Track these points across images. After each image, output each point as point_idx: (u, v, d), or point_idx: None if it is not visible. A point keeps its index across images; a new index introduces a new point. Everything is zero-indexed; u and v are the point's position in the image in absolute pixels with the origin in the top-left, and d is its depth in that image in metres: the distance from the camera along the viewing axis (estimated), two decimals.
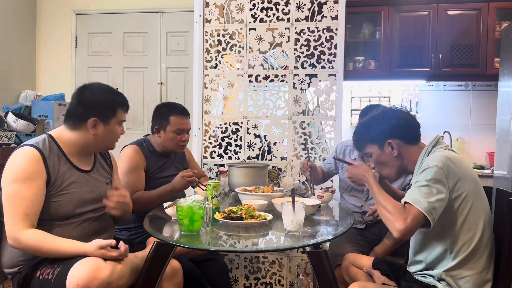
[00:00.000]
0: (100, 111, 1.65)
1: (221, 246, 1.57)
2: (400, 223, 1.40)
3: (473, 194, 1.50)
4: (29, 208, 1.49)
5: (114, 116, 1.67)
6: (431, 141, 1.62)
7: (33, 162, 1.53)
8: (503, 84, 2.79)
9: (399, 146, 1.62)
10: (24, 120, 3.52)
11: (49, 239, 1.49)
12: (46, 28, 4.42)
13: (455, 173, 1.47)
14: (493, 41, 3.30)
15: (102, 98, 1.66)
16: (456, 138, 3.71)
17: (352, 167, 1.74)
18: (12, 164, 1.53)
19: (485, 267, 1.50)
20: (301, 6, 2.70)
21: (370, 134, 1.66)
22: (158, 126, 2.22)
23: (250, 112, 2.79)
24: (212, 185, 1.88)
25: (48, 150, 1.58)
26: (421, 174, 1.48)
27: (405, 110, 1.71)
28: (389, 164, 1.66)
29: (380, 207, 1.51)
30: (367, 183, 1.64)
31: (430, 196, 1.42)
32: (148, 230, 1.61)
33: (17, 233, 1.47)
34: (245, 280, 2.74)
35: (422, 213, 1.40)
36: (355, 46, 3.62)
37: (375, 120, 1.67)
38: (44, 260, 1.54)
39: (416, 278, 1.60)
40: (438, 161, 1.47)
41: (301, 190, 2.50)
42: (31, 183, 1.50)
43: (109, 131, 1.67)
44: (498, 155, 2.80)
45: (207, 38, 2.82)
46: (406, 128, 1.64)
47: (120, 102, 1.70)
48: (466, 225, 1.49)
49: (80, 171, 1.67)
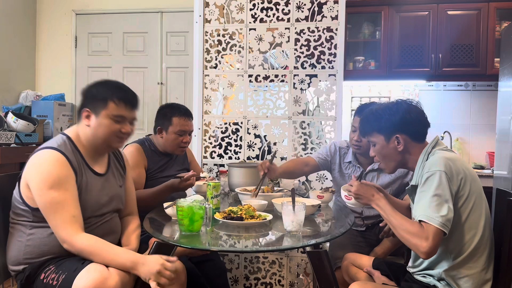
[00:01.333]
0: (91, 101, 1.62)
1: (221, 246, 1.57)
2: (424, 245, 1.38)
3: (475, 193, 1.49)
4: (74, 210, 1.51)
5: (105, 108, 1.60)
6: (431, 142, 1.61)
7: (62, 166, 1.53)
8: (503, 84, 2.79)
9: (406, 141, 1.59)
10: (24, 120, 3.52)
11: (103, 245, 1.50)
12: (46, 28, 4.42)
13: (458, 173, 1.46)
14: (493, 41, 3.30)
15: (96, 89, 1.63)
16: (456, 138, 3.71)
17: (360, 183, 1.68)
18: (41, 170, 1.51)
19: (484, 266, 1.50)
20: (301, 6, 2.70)
21: (380, 124, 1.61)
22: (161, 126, 2.23)
23: (250, 112, 2.79)
24: (212, 185, 1.88)
25: (70, 153, 1.58)
26: (426, 182, 1.46)
27: (419, 107, 1.66)
28: (391, 157, 1.63)
29: (397, 231, 1.48)
30: (376, 204, 1.59)
31: (441, 208, 1.40)
32: (148, 231, 1.61)
33: (71, 237, 1.48)
34: (245, 280, 2.74)
35: (439, 229, 1.38)
36: (355, 46, 3.62)
37: (388, 111, 1.61)
38: (49, 261, 1.54)
39: (415, 278, 1.60)
40: (440, 165, 1.46)
41: (301, 190, 2.50)
42: (67, 186, 1.51)
43: (101, 124, 1.60)
44: (498, 155, 2.80)
45: (207, 38, 2.82)
46: (416, 125, 1.61)
47: (115, 95, 1.62)
48: (468, 224, 1.48)
49: (97, 175, 1.67)
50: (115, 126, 1.62)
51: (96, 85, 1.66)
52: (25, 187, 1.55)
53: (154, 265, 1.44)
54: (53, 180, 1.49)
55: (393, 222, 1.49)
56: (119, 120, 1.63)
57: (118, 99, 1.62)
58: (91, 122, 1.62)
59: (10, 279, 1.70)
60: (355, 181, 1.71)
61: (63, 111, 4.10)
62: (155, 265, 1.44)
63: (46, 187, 1.49)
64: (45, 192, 1.49)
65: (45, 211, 1.51)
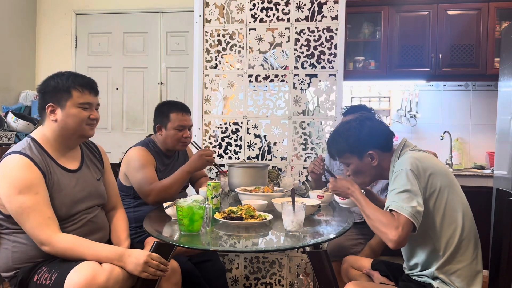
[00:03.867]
0: (53, 95, 1.58)
1: (221, 246, 1.57)
2: (393, 234, 1.42)
3: (447, 187, 1.53)
4: (47, 211, 1.49)
5: (69, 98, 1.57)
6: (399, 145, 1.66)
7: (29, 169, 1.50)
8: (503, 84, 2.79)
9: (378, 155, 1.65)
10: (24, 120, 3.52)
11: (83, 242, 1.50)
12: (46, 28, 4.42)
13: (425, 170, 1.51)
14: (493, 41, 3.30)
15: (55, 82, 1.60)
16: (456, 138, 3.71)
17: (335, 180, 1.73)
18: (8, 176, 1.49)
19: (473, 258, 1.53)
20: (301, 6, 2.69)
21: (350, 145, 1.66)
22: (160, 124, 2.24)
23: (250, 112, 2.79)
24: (212, 185, 1.88)
25: (35, 155, 1.55)
26: (395, 181, 1.51)
27: (379, 119, 1.75)
28: (366, 172, 1.68)
29: (370, 220, 1.52)
30: (352, 196, 1.64)
31: (410, 201, 1.44)
32: (148, 230, 1.61)
33: (50, 238, 1.47)
34: (245, 280, 2.74)
35: (409, 219, 1.42)
36: (355, 46, 3.62)
37: (354, 131, 1.66)
38: (41, 263, 1.53)
39: (412, 278, 1.63)
40: (406, 163, 1.51)
41: (301, 190, 2.50)
42: (37, 189, 1.49)
43: (68, 114, 1.58)
44: (498, 155, 2.80)
45: (207, 38, 2.82)
46: (383, 138, 1.67)
47: (76, 83, 1.59)
48: (446, 220, 1.52)
49: (68, 171, 1.64)
50: (83, 113, 1.61)
51: (53, 78, 1.62)
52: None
53: (141, 256, 1.47)
54: (21, 184, 1.47)
55: (367, 212, 1.54)
56: (86, 107, 1.61)
57: (81, 86, 1.60)
58: (57, 116, 1.59)
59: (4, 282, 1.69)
60: (331, 178, 1.76)
61: None
62: (142, 256, 1.47)
63: (15, 192, 1.47)
64: (14, 197, 1.47)
65: (17, 217, 1.49)
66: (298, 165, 2.73)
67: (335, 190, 1.73)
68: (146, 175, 2.08)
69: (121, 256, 1.48)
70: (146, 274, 1.47)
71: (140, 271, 1.46)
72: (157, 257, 1.50)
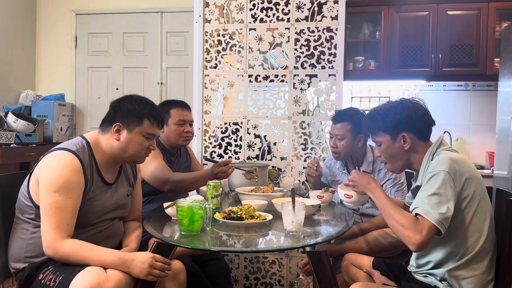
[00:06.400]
0: (125, 116, 1.63)
1: (221, 246, 1.57)
2: (417, 237, 1.38)
3: (479, 195, 1.48)
4: (70, 219, 1.51)
5: (139, 125, 1.64)
6: (435, 141, 1.59)
7: (75, 172, 1.52)
8: (503, 84, 2.79)
9: (412, 140, 1.58)
10: (24, 120, 3.52)
11: (87, 246, 1.50)
12: (46, 28, 4.42)
13: (461, 174, 1.45)
14: (493, 41, 3.30)
15: (132, 105, 1.65)
16: (456, 138, 3.71)
17: (357, 172, 1.69)
18: (53, 171, 1.51)
19: (487, 267, 1.49)
20: (301, 6, 2.70)
21: (386, 123, 1.60)
22: None
23: (250, 112, 2.79)
24: (212, 185, 1.88)
25: (87, 159, 1.59)
26: (429, 181, 1.45)
27: (423, 105, 1.64)
28: (397, 156, 1.61)
29: (391, 220, 1.47)
30: (373, 192, 1.59)
31: (440, 206, 1.39)
32: (149, 230, 1.61)
33: (56, 242, 1.48)
34: (245, 280, 2.74)
35: (435, 225, 1.38)
36: (355, 46, 3.62)
37: (393, 110, 1.60)
38: (48, 262, 1.54)
39: (416, 278, 1.59)
40: (444, 165, 1.44)
41: (301, 190, 2.50)
42: (73, 193, 1.51)
43: (132, 140, 1.63)
44: (498, 155, 2.80)
45: (207, 38, 2.82)
46: (422, 123, 1.59)
47: (150, 114, 1.66)
48: (472, 227, 1.47)
49: (105, 184, 1.67)
50: (146, 143, 1.67)
51: (132, 101, 1.66)
52: (34, 183, 1.55)
53: (145, 259, 1.46)
54: (62, 184, 1.49)
55: (388, 211, 1.49)
56: (150, 137, 1.67)
57: (153, 118, 1.67)
58: (122, 136, 1.63)
59: (10, 280, 1.70)
60: (353, 170, 1.72)
61: (63, 111, 4.10)
62: (146, 259, 1.46)
63: (53, 189, 1.49)
64: (51, 193, 1.49)
65: (43, 211, 1.51)
66: (298, 165, 2.73)
67: (354, 182, 1.68)
68: (159, 163, 2.09)
69: (125, 261, 1.47)
70: (152, 277, 1.47)
71: (145, 274, 1.46)
72: (161, 258, 1.49)
